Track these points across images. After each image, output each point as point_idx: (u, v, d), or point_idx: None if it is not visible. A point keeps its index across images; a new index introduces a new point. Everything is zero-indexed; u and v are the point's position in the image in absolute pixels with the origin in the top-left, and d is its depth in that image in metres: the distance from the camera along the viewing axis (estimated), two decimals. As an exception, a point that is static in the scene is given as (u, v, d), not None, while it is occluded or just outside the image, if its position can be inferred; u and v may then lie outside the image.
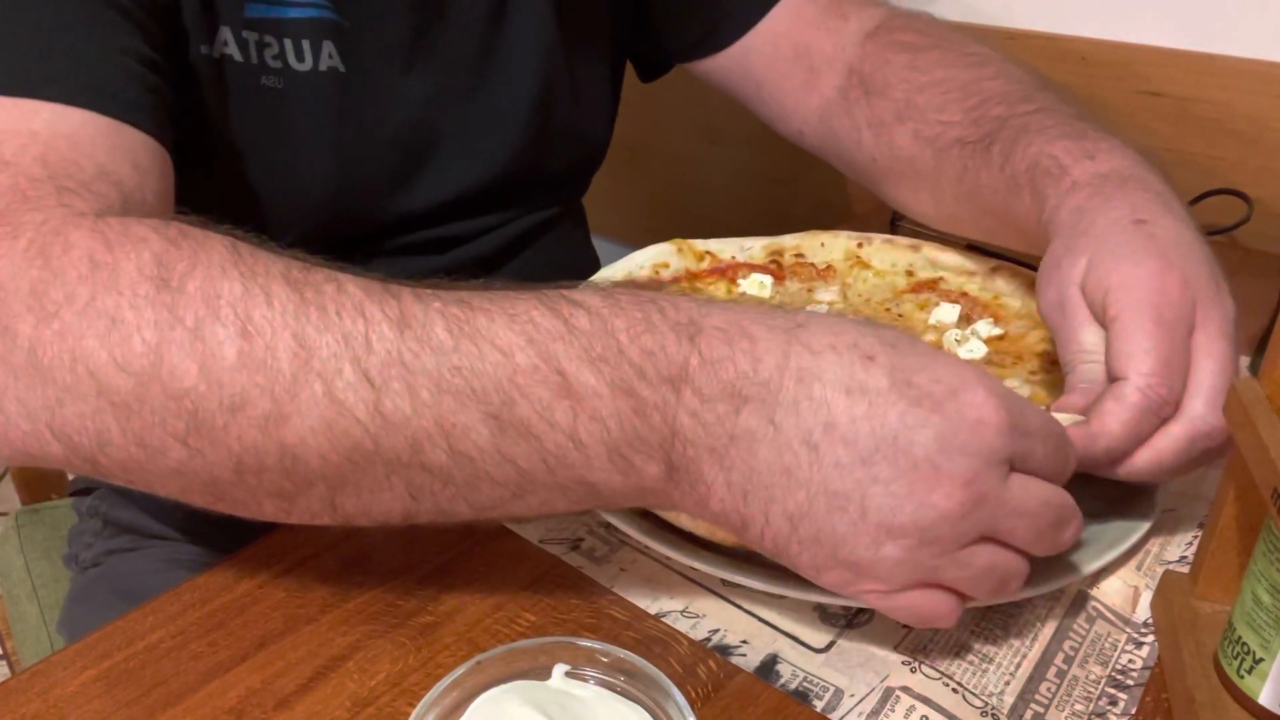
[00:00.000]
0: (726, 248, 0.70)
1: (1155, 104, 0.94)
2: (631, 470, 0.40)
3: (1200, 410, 0.46)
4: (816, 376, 0.39)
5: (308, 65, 0.61)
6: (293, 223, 0.65)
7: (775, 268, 0.70)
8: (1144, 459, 0.46)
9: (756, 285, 0.68)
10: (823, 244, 0.71)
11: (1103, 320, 0.49)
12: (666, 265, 0.68)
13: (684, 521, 0.48)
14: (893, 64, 0.69)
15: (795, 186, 1.25)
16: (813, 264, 0.70)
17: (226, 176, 0.63)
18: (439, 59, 0.67)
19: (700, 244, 0.70)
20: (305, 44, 0.60)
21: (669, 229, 0.72)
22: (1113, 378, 0.47)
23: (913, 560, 0.40)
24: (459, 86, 0.68)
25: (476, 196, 0.72)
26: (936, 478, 0.38)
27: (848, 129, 0.72)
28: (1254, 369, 0.68)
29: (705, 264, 0.69)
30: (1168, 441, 0.46)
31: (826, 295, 0.68)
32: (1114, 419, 0.45)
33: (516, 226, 0.76)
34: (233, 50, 0.59)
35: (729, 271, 0.69)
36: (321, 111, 0.63)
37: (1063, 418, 0.46)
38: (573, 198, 0.85)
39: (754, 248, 0.71)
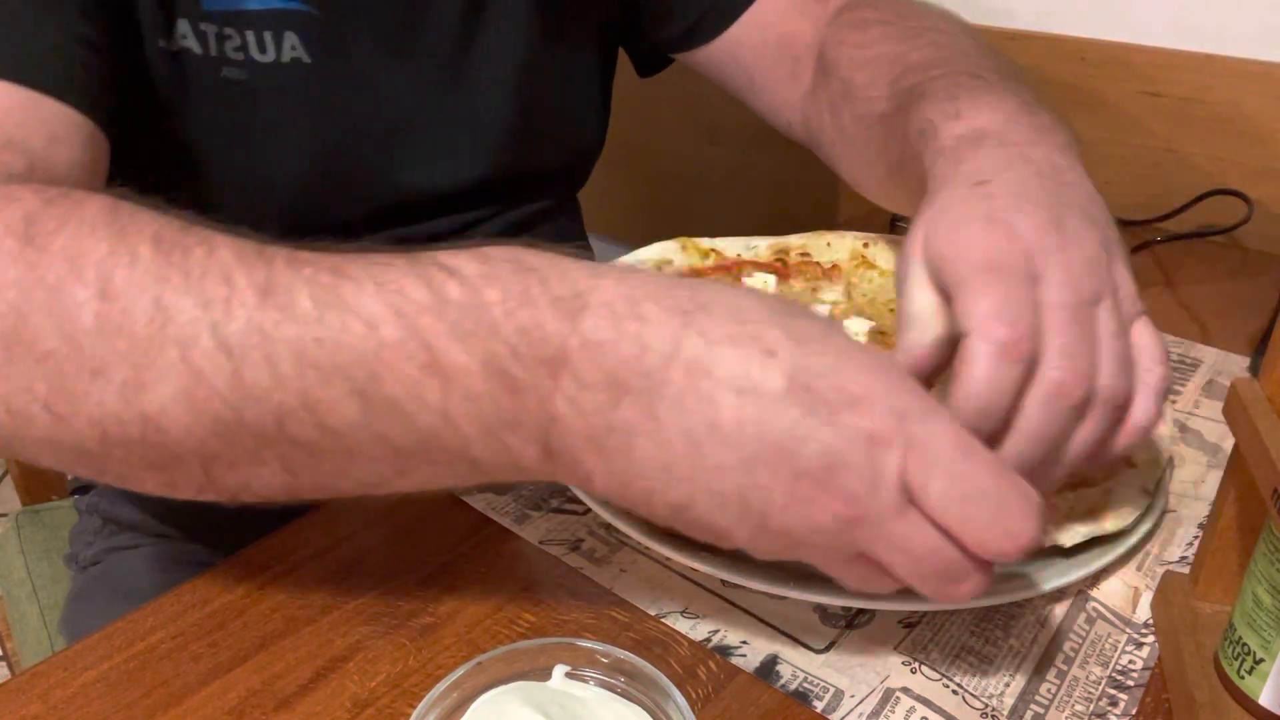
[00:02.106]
0: (732, 246, 0.70)
1: (1155, 104, 0.94)
2: (508, 452, 0.38)
3: (1052, 362, 0.40)
4: (707, 371, 0.36)
5: (270, 57, 0.60)
6: (266, 215, 0.64)
7: (780, 266, 0.70)
8: (1013, 440, 0.41)
9: (760, 284, 0.68)
10: (829, 244, 0.71)
11: (946, 293, 0.44)
12: (670, 262, 0.68)
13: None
14: (845, 44, 0.67)
15: (795, 187, 1.25)
16: (818, 263, 0.70)
17: (196, 171, 0.62)
18: (416, 50, 0.66)
19: (706, 242, 0.70)
20: (267, 35, 0.60)
21: (668, 229, 0.72)
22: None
23: (791, 556, 0.38)
24: (437, 78, 0.68)
25: (461, 192, 0.71)
26: (814, 493, 0.35)
27: (815, 115, 0.71)
28: (1254, 369, 0.68)
29: (710, 261, 0.69)
30: (1032, 406, 0.41)
31: (831, 295, 0.68)
32: (969, 377, 0.40)
33: (504, 221, 0.75)
34: (191, 43, 0.58)
35: (733, 269, 0.69)
36: (288, 103, 0.62)
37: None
38: (565, 193, 0.84)
39: (759, 246, 0.71)
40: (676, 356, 0.36)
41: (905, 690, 0.44)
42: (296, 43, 0.61)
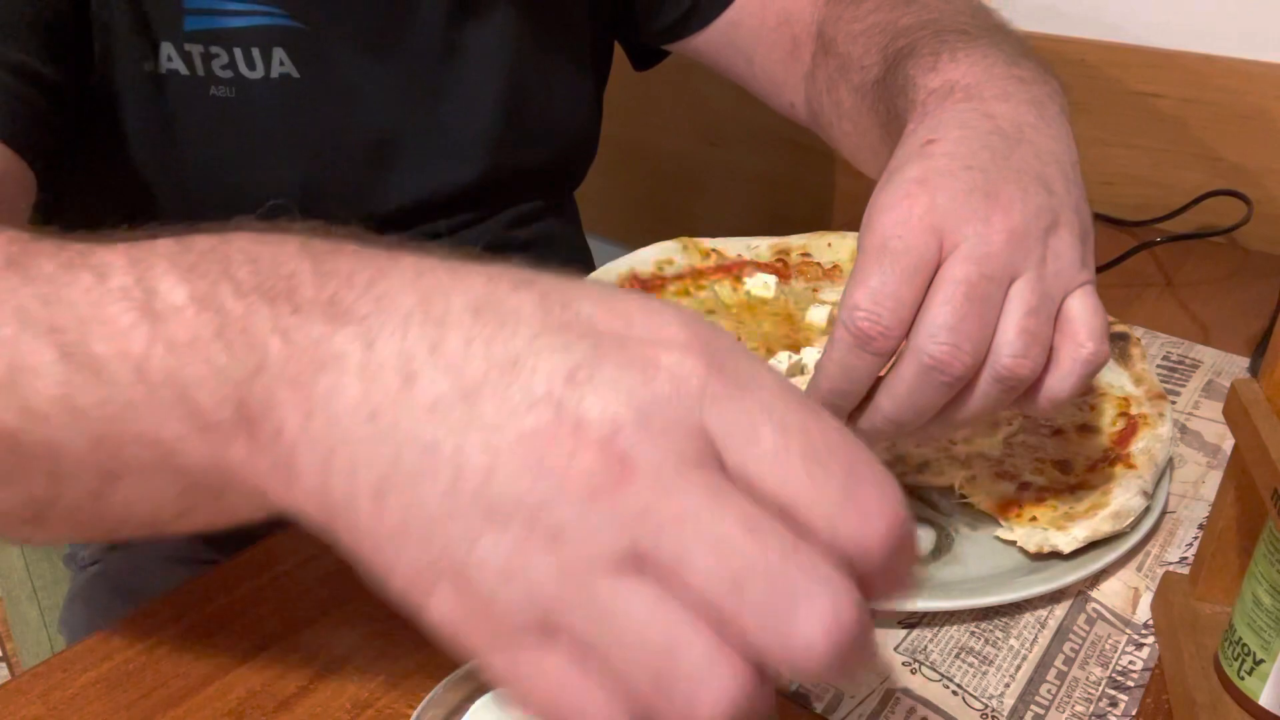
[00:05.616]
0: (732, 246, 0.70)
1: (1155, 104, 0.94)
2: (201, 420, 0.29)
3: (919, 342, 0.40)
4: (445, 294, 0.28)
5: (259, 73, 0.60)
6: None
7: (781, 266, 0.70)
8: (881, 399, 0.42)
9: (761, 285, 0.68)
10: (830, 244, 0.71)
11: None
12: (671, 262, 0.68)
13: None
14: (841, 19, 0.66)
15: (794, 188, 1.25)
16: (819, 264, 0.70)
17: (181, 190, 0.62)
18: (402, 57, 0.66)
19: (706, 242, 0.70)
20: (255, 52, 0.60)
21: (668, 230, 0.72)
22: None
23: (523, 572, 0.25)
24: (424, 85, 0.68)
25: (449, 197, 0.71)
26: (558, 424, 0.25)
27: (815, 95, 0.70)
28: (1254, 369, 0.68)
29: (711, 261, 0.69)
30: (896, 379, 0.42)
31: (832, 295, 0.68)
32: (827, 359, 0.42)
33: (496, 222, 0.75)
34: (177, 65, 0.58)
35: (734, 269, 0.69)
36: (277, 118, 0.62)
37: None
38: (559, 192, 0.83)
39: (760, 246, 0.71)
40: (416, 284, 0.28)
41: (905, 691, 0.44)
42: (284, 58, 0.61)
